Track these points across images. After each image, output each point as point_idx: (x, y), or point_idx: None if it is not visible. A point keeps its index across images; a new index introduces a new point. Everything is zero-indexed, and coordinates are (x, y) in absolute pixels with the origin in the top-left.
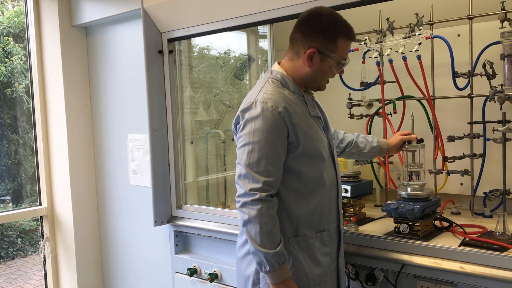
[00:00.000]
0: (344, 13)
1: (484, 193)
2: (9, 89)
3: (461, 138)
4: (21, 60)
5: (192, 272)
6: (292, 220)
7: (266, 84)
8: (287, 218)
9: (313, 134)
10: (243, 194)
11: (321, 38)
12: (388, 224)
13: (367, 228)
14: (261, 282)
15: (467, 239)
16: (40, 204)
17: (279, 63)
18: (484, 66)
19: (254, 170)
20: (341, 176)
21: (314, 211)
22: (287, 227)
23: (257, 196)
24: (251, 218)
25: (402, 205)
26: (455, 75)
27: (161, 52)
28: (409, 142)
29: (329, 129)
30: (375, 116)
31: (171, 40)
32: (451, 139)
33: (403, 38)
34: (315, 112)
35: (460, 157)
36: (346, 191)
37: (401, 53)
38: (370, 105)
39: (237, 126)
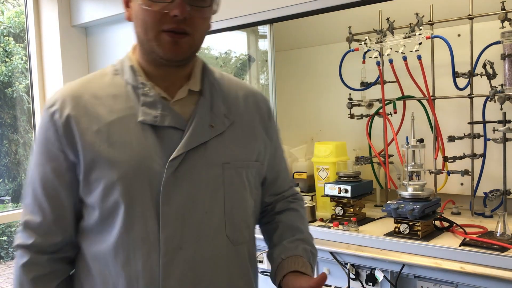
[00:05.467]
0: (345, 13)
1: (485, 193)
2: (10, 88)
3: (461, 138)
4: (22, 60)
5: None
6: (92, 281)
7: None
8: (87, 275)
9: (118, 151)
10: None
11: None
12: (388, 224)
13: (367, 228)
14: None
15: (467, 239)
16: None
17: None
18: (484, 66)
19: (24, 201)
20: (342, 176)
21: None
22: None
23: (18, 242)
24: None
25: (402, 205)
26: (455, 75)
27: None
28: None
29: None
30: (375, 116)
31: None
32: (451, 139)
33: (403, 38)
34: (152, 118)
35: (460, 157)
36: (346, 191)
37: (401, 53)
38: (370, 105)
39: None
